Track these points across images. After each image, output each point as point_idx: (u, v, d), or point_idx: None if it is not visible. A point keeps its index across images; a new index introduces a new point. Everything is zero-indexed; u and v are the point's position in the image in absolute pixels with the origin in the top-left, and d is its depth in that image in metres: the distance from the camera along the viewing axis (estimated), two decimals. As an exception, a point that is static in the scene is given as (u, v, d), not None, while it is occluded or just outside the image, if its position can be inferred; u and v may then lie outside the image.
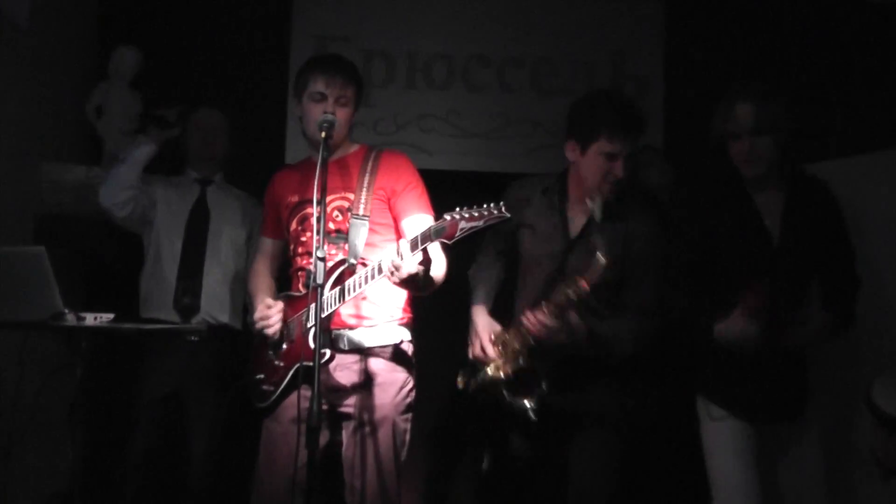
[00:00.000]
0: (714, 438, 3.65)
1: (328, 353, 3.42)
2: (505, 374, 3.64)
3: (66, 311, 3.37)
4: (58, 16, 5.09)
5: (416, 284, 3.37)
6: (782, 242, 3.59)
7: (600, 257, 3.37)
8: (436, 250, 3.48)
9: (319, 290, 3.19)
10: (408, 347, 3.70)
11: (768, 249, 3.58)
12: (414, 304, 3.76)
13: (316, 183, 3.23)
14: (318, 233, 3.21)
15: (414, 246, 3.18)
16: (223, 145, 4.84)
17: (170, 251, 4.55)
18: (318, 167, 3.25)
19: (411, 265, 3.20)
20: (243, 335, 4.40)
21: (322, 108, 3.59)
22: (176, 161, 4.84)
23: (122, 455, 4.38)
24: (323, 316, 3.36)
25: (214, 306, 4.52)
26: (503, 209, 3.03)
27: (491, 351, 3.69)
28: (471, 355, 3.77)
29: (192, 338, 4.37)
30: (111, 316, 3.53)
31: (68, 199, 4.79)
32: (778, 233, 3.60)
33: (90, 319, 3.44)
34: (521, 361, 3.61)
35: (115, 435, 4.59)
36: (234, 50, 5.82)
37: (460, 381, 3.81)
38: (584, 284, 3.41)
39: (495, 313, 3.91)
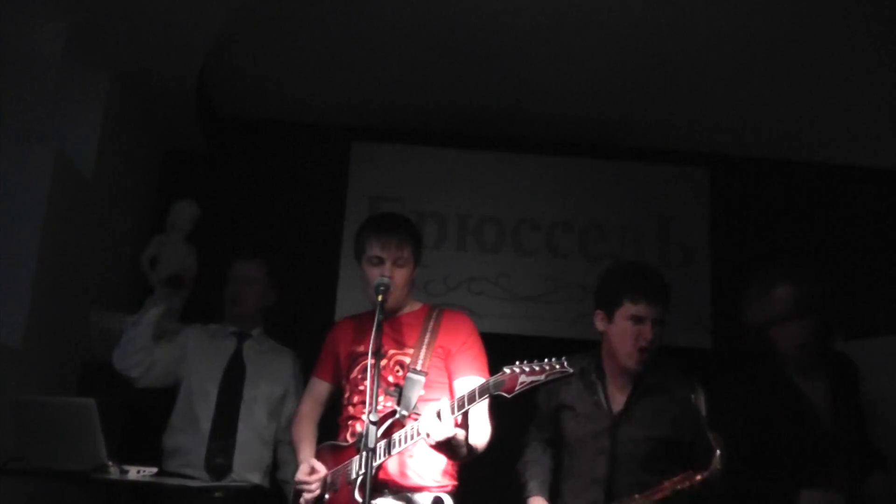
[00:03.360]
0: None
1: None
2: None
3: (110, 463, 3.34)
4: (122, 168, 5.24)
5: (454, 449, 3.33)
6: (838, 430, 3.51)
7: (719, 455, 3.27)
8: (480, 417, 3.47)
9: (369, 453, 3.10)
10: None
11: (823, 438, 3.50)
12: (460, 472, 3.69)
13: (371, 345, 3.23)
14: (370, 396, 3.19)
15: (457, 408, 3.18)
16: (260, 298, 4.64)
17: (203, 407, 4.38)
18: (373, 330, 3.25)
19: (447, 428, 3.17)
20: (272, 496, 4.39)
21: (380, 272, 3.61)
22: (215, 310, 4.76)
23: None
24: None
25: (245, 467, 4.33)
26: (565, 364, 3.04)
27: None
28: None
29: (218, 494, 4.06)
30: (154, 470, 3.49)
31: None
32: (831, 420, 3.52)
33: (133, 473, 3.39)
34: None
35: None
36: (291, 207, 5.97)
37: None
38: (698, 479, 3.32)
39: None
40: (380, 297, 3.39)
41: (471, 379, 3.56)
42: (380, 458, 3.39)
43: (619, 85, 5.50)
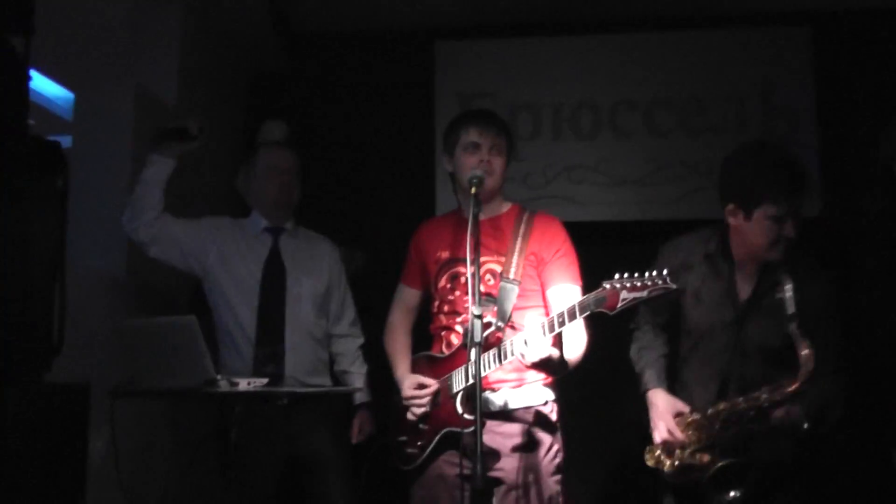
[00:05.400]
0: None
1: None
2: (702, 462, 3.38)
3: (219, 377, 3.36)
4: (205, 95, 5.27)
5: (550, 368, 3.32)
6: None
7: (806, 358, 3.15)
8: (577, 329, 3.40)
9: (477, 348, 3.06)
10: (552, 408, 3.58)
11: None
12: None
13: (468, 240, 3.15)
14: (472, 290, 3.13)
15: (556, 326, 3.13)
16: (299, 190, 4.37)
17: (245, 312, 4.12)
18: (469, 224, 3.18)
19: (542, 349, 3.15)
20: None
21: (478, 158, 3.54)
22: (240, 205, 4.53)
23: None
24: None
25: (300, 370, 4.10)
26: (668, 280, 2.95)
27: (679, 434, 3.42)
28: (658, 439, 3.48)
29: (282, 401, 4.01)
30: (265, 381, 3.49)
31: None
32: None
33: (243, 384, 3.39)
34: (721, 458, 3.32)
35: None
36: (381, 116, 5.93)
37: (654, 458, 3.55)
38: (789, 389, 3.19)
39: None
40: (473, 190, 3.32)
41: (566, 287, 3.52)
42: (485, 370, 3.32)
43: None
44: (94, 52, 4.62)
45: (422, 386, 3.58)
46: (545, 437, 3.51)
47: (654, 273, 2.97)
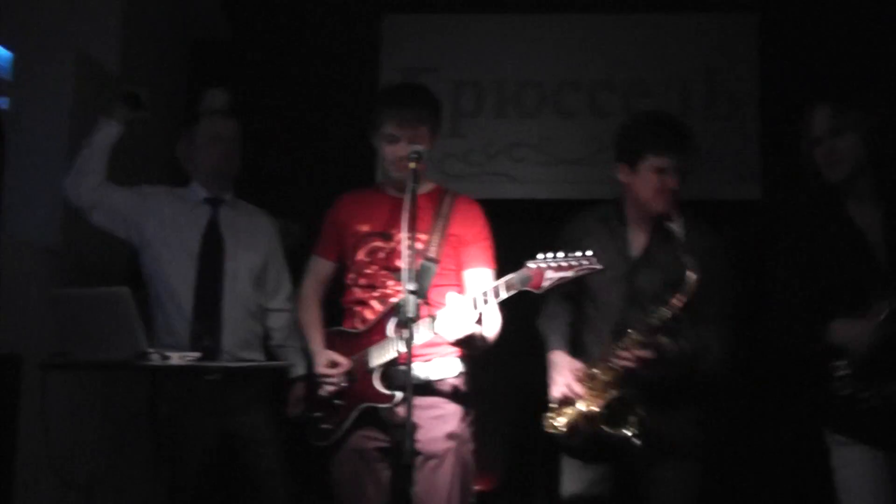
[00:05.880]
0: (845, 470, 3.40)
1: (400, 395, 3.38)
2: (598, 407, 3.53)
3: (151, 350, 3.34)
4: (148, 62, 5.23)
5: (473, 345, 3.44)
6: (889, 259, 3.37)
7: (691, 274, 3.37)
8: (491, 308, 3.45)
9: (411, 324, 3.11)
10: (464, 379, 3.64)
11: (875, 268, 3.37)
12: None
13: (405, 216, 3.24)
14: (407, 265, 3.22)
15: (481, 303, 3.25)
16: (239, 159, 4.30)
17: (182, 283, 4.06)
18: (406, 199, 3.26)
19: (467, 326, 3.26)
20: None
21: (395, 150, 3.54)
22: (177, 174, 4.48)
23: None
24: (389, 358, 3.43)
25: (238, 345, 4.09)
26: (594, 261, 3.13)
27: (578, 388, 3.56)
28: (556, 395, 3.63)
29: (212, 377, 3.92)
30: (197, 355, 3.49)
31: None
32: (884, 250, 3.38)
33: (175, 359, 3.39)
34: (612, 393, 3.51)
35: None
36: (324, 85, 5.91)
37: (550, 425, 3.66)
38: (676, 303, 3.40)
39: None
40: (412, 165, 3.33)
41: (481, 271, 3.62)
42: (405, 346, 3.24)
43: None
44: (34, 13, 4.56)
45: (334, 364, 3.58)
46: (459, 408, 3.57)
47: (580, 254, 3.14)
